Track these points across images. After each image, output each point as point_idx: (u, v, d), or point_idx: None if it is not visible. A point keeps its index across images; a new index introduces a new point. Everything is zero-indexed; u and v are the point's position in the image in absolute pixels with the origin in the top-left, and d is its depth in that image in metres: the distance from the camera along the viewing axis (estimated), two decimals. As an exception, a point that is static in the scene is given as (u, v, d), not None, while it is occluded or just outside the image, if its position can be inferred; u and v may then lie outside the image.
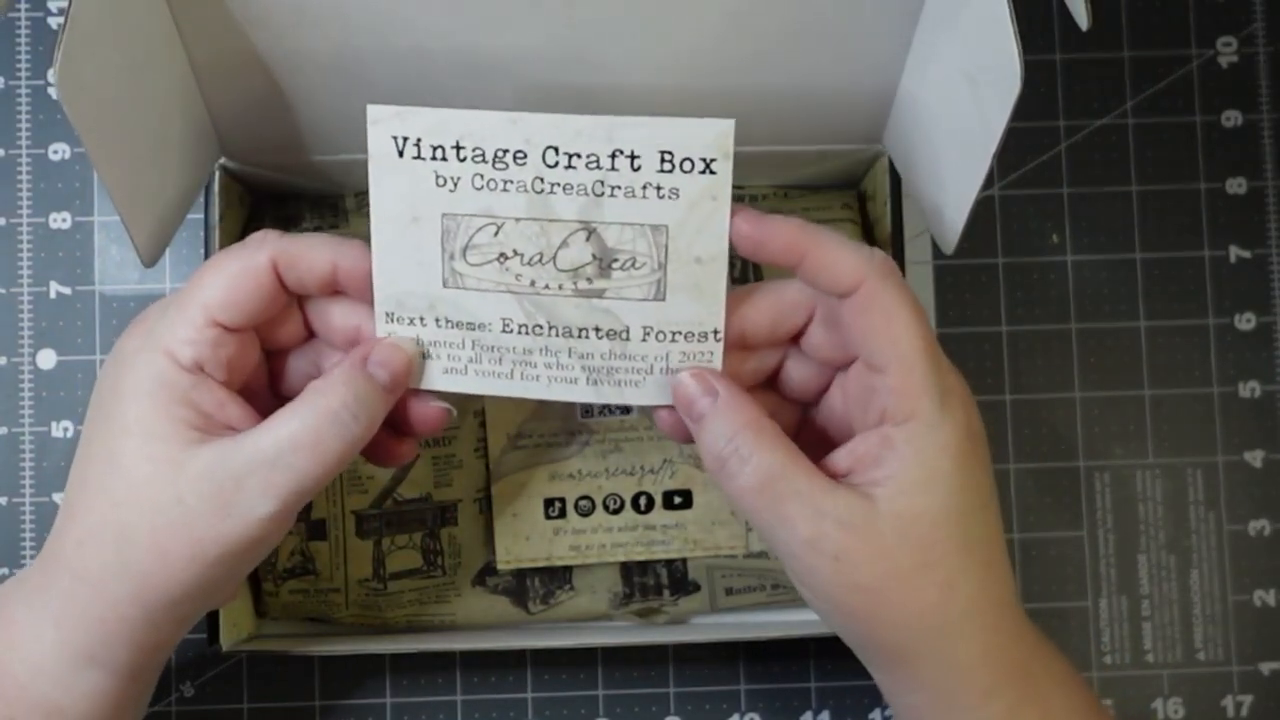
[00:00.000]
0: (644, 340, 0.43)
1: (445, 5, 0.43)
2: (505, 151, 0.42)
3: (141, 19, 0.43)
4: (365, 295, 0.43)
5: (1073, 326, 0.59)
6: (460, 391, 0.44)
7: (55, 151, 0.58)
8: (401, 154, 0.42)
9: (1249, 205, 0.59)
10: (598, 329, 0.43)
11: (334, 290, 0.44)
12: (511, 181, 0.42)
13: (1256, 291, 0.59)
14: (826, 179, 0.55)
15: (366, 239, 0.43)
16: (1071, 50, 0.59)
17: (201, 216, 0.51)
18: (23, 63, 0.58)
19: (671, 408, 0.44)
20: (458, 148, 0.42)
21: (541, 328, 0.43)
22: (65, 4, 0.58)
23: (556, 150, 0.42)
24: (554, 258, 0.42)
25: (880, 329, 0.41)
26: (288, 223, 0.54)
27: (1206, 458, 0.58)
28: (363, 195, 0.54)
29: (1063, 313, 0.59)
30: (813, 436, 0.46)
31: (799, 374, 0.45)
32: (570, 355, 0.44)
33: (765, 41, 0.45)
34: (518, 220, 0.42)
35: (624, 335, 0.43)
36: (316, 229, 0.54)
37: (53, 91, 0.38)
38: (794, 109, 0.49)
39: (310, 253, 0.43)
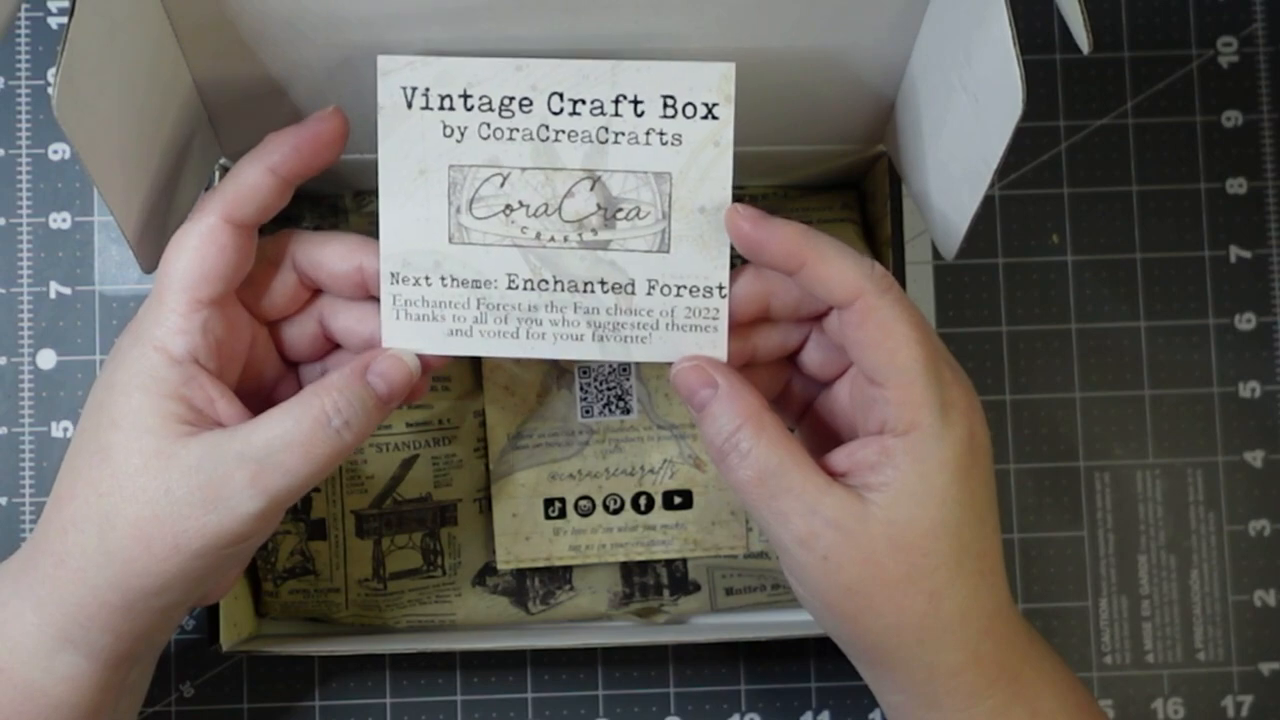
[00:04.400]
0: (649, 294, 0.43)
1: (446, 6, 0.43)
2: (511, 99, 0.42)
3: (141, 30, 0.43)
4: (313, 169, 0.43)
5: (1073, 326, 0.59)
6: (467, 354, 0.45)
7: (55, 151, 0.58)
8: (410, 105, 0.43)
9: (1249, 205, 0.59)
10: (603, 282, 0.43)
11: (288, 190, 0.43)
12: (517, 130, 0.42)
13: (1256, 291, 0.59)
14: (826, 179, 0.55)
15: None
16: (1071, 50, 0.59)
17: (201, 216, 0.51)
18: (23, 63, 0.58)
19: (694, 365, 0.43)
20: (465, 96, 0.42)
21: (547, 282, 0.43)
22: (66, 3, 0.58)
23: (561, 96, 0.42)
24: (559, 208, 0.43)
25: (877, 344, 0.41)
26: (287, 222, 0.54)
27: (1206, 458, 0.58)
28: (362, 195, 0.54)
29: (1063, 313, 0.59)
30: (825, 415, 0.46)
31: (819, 355, 0.45)
32: (576, 311, 0.44)
33: (765, 38, 0.45)
34: (523, 170, 0.43)
35: (629, 289, 0.43)
36: (316, 228, 0.53)
37: (53, 91, 0.38)
38: (794, 109, 0.49)
39: (248, 184, 0.43)
